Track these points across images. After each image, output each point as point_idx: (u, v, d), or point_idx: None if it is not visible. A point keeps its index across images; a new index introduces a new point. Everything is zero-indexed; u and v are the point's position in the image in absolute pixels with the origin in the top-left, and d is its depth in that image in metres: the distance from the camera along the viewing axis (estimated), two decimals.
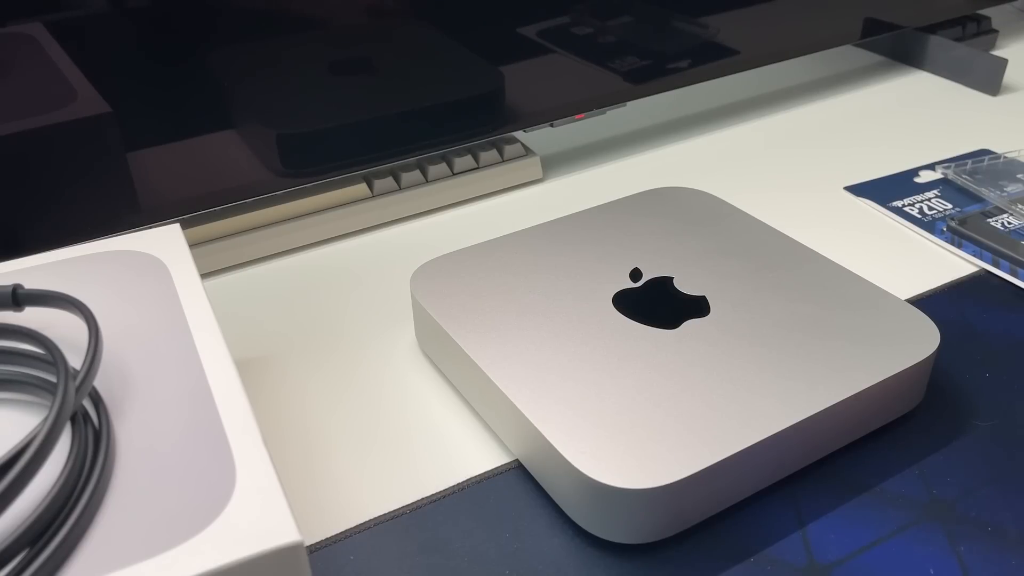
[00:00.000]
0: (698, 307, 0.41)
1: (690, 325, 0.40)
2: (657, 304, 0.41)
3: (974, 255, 0.52)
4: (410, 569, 0.34)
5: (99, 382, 0.31)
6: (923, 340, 0.39)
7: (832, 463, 0.38)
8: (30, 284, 0.36)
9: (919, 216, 0.56)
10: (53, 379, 0.30)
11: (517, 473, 0.38)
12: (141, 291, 0.36)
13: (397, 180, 0.57)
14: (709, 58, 0.67)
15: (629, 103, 0.65)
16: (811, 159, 0.64)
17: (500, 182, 0.60)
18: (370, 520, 0.36)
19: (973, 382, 0.42)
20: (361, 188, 0.57)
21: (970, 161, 0.62)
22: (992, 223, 0.54)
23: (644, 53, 0.64)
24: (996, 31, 0.82)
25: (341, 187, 0.56)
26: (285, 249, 0.54)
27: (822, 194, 0.59)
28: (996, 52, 0.81)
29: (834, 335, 0.39)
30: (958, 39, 0.78)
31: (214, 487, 0.27)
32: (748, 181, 0.61)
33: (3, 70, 0.43)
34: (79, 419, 0.28)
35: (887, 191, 0.59)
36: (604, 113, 0.65)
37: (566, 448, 0.33)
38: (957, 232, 0.53)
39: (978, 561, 0.33)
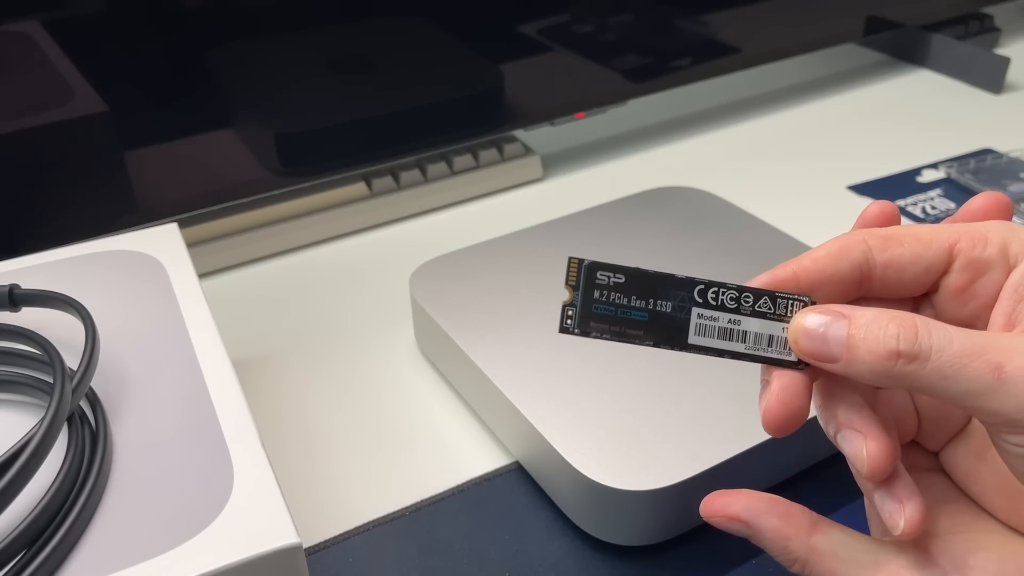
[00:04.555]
0: None
1: None
2: None
3: None
4: (409, 571, 0.34)
5: (96, 383, 0.31)
6: None
7: (835, 464, 0.37)
8: (27, 284, 0.35)
9: (922, 216, 0.56)
10: (50, 380, 0.30)
11: (517, 474, 0.38)
12: (138, 291, 0.36)
13: (396, 179, 0.57)
14: (710, 56, 0.67)
15: (630, 101, 0.65)
16: (813, 158, 0.64)
17: (500, 181, 0.60)
18: (369, 522, 0.36)
19: None
20: (360, 187, 0.56)
21: (973, 160, 0.62)
22: None
23: (645, 51, 0.63)
24: (999, 29, 0.82)
25: (340, 186, 0.56)
26: (283, 249, 0.54)
27: (825, 193, 0.59)
28: (999, 50, 0.81)
29: None
30: (961, 37, 0.78)
31: (212, 488, 0.27)
32: (750, 180, 0.61)
33: (0, 69, 0.43)
34: (76, 420, 0.28)
35: (890, 190, 0.59)
36: (605, 112, 0.64)
37: (566, 449, 0.33)
38: None
39: None
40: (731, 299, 0.24)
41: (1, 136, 0.44)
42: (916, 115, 0.70)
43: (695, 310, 0.24)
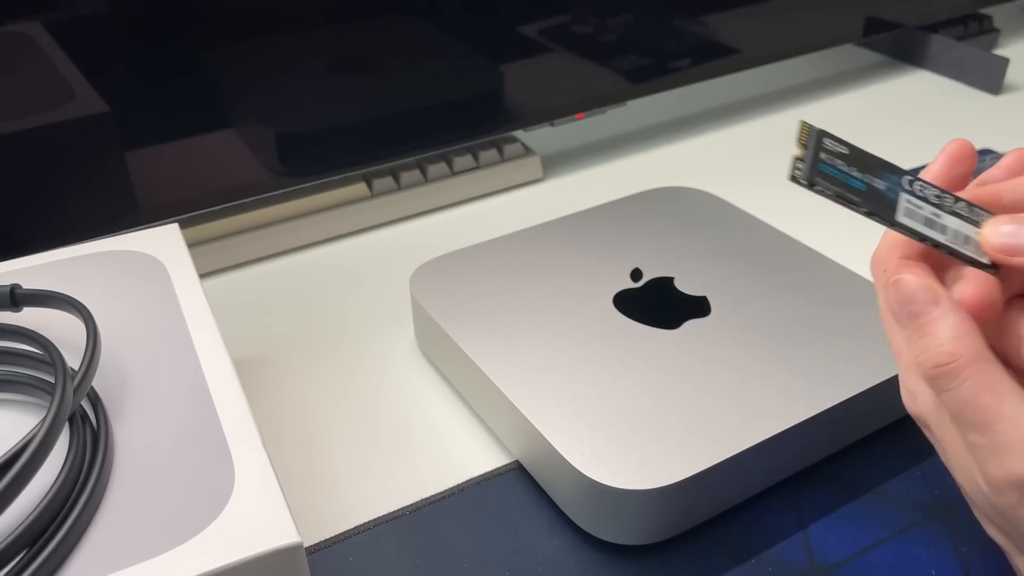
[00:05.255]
0: (699, 307, 0.41)
1: (691, 325, 0.40)
2: (658, 304, 0.41)
3: None
4: (410, 571, 0.34)
5: (97, 382, 0.31)
6: None
7: (834, 464, 0.38)
8: (28, 284, 0.35)
9: None
10: (51, 379, 0.30)
11: (517, 474, 0.38)
12: (139, 291, 0.36)
13: (396, 180, 0.57)
14: (710, 57, 0.67)
15: (629, 102, 0.65)
16: None
17: (500, 182, 0.60)
18: (370, 521, 0.36)
19: None
20: (360, 188, 0.56)
21: None
22: None
23: (645, 52, 0.63)
24: (998, 30, 0.82)
25: (340, 187, 0.56)
26: (284, 249, 0.54)
27: None
28: (998, 51, 0.81)
29: (835, 335, 0.39)
30: (960, 38, 0.78)
31: (213, 488, 0.27)
32: (749, 181, 0.61)
33: (1, 69, 0.43)
34: (77, 419, 0.28)
35: None
36: (604, 112, 0.65)
37: (566, 449, 0.33)
38: None
39: (979, 562, 0.33)
40: (934, 196, 0.26)
41: (2, 136, 0.44)
42: (916, 115, 0.70)
43: (903, 194, 0.26)
